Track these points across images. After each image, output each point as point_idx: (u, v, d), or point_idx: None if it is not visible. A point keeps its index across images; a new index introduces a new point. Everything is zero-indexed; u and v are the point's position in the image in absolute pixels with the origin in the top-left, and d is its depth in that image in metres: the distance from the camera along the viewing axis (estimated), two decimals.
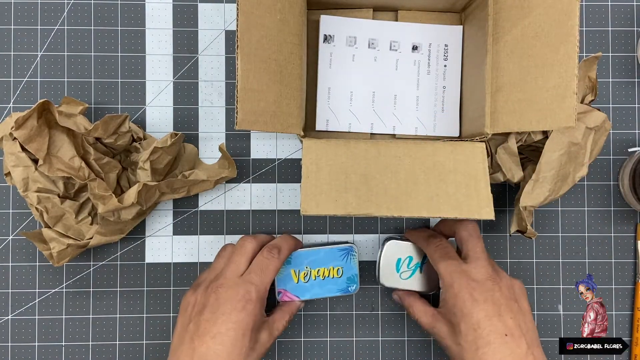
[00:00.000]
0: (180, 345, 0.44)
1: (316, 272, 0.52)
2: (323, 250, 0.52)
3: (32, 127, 0.47)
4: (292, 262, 0.52)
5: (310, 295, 0.52)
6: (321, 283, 0.52)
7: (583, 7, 0.56)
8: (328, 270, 0.52)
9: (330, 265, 0.52)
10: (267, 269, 0.47)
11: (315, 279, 0.52)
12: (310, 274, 0.52)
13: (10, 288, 0.54)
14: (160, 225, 0.55)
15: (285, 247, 0.50)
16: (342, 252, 0.52)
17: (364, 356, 0.55)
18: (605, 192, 0.56)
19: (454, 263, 0.46)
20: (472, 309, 0.43)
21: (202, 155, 0.55)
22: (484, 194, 0.43)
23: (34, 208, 0.49)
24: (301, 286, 0.52)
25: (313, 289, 0.52)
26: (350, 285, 0.53)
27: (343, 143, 0.45)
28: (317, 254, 0.52)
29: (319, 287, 0.52)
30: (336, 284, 0.52)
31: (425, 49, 0.54)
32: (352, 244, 0.53)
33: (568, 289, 0.55)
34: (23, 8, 0.55)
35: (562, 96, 0.41)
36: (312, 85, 0.54)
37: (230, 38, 0.56)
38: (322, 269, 0.52)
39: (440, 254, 0.47)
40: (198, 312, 0.45)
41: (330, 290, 0.52)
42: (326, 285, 0.52)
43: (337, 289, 0.52)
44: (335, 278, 0.52)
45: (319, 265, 0.52)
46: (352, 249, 0.53)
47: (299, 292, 0.52)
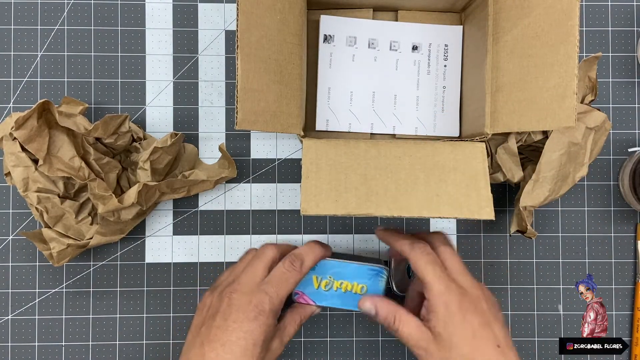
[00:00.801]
0: (191, 349, 0.43)
1: (339, 283, 0.49)
2: (352, 265, 0.49)
3: (32, 127, 0.47)
4: (316, 268, 0.48)
5: (327, 303, 0.49)
6: (342, 295, 0.49)
7: (583, 7, 0.56)
8: (352, 285, 0.49)
9: (355, 281, 0.49)
10: (286, 282, 0.45)
11: (337, 290, 0.49)
12: (332, 284, 0.49)
13: (10, 288, 0.54)
14: (160, 225, 0.55)
15: (309, 258, 0.46)
16: (371, 272, 0.49)
17: (364, 356, 0.55)
18: (605, 192, 0.56)
19: (442, 270, 0.43)
20: (465, 319, 0.41)
21: (202, 155, 0.55)
22: (484, 194, 0.43)
23: (34, 208, 0.49)
24: (320, 293, 0.49)
25: (332, 299, 0.49)
26: None
27: (343, 143, 0.45)
28: (345, 267, 0.49)
29: (339, 298, 0.49)
30: (355, 299, 0.48)
31: (425, 49, 0.54)
32: (383, 267, 0.49)
33: (568, 289, 0.55)
34: (23, 8, 0.55)
35: (562, 96, 0.41)
36: (312, 85, 0.54)
37: (230, 38, 0.56)
38: (346, 283, 0.49)
39: (427, 260, 0.44)
40: (211, 317, 0.44)
41: (348, 303, 0.49)
42: (345, 298, 0.49)
43: (355, 304, 0.48)
44: (357, 294, 0.48)
45: (344, 278, 0.49)
46: (383, 272, 0.49)
47: (316, 298, 0.49)
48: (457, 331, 0.41)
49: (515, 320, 0.55)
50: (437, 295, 0.42)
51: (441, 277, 0.43)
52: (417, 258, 0.44)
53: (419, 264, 0.44)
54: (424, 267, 0.43)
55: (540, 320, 0.55)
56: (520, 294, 0.55)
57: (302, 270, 0.46)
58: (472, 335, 0.41)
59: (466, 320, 0.41)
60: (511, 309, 0.55)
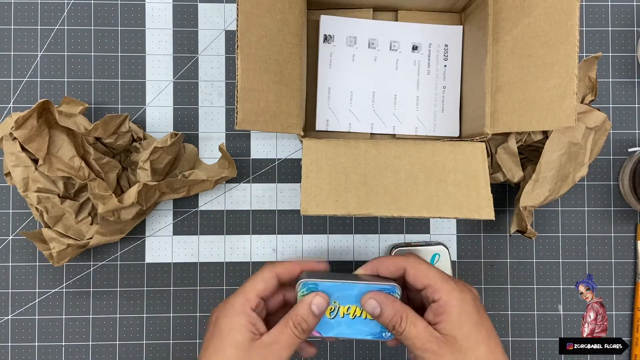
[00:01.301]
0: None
1: (345, 309, 0.43)
2: (358, 286, 0.43)
3: (32, 127, 0.47)
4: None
5: (334, 334, 0.43)
6: (350, 322, 0.43)
7: (583, 7, 0.56)
8: (360, 310, 0.43)
9: None
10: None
11: (344, 317, 0.43)
12: (339, 311, 0.43)
13: (10, 288, 0.54)
14: (160, 225, 0.55)
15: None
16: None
17: (364, 356, 0.55)
18: (605, 192, 0.56)
19: (450, 277, 0.42)
20: (481, 319, 0.40)
21: (202, 155, 0.55)
22: (484, 194, 0.43)
23: (34, 208, 0.49)
24: (325, 322, 0.43)
25: (339, 328, 0.43)
26: (385, 330, 0.43)
27: (343, 143, 0.45)
28: (351, 289, 0.43)
29: (347, 327, 0.43)
30: (367, 326, 0.43)
31: (425, 49, 0.54)
32: (395, 285, 0.43)
33: (568, 289, 0.55)
34: (23, 8, 0.55)
35: (562, 96, 0.41)
36: (312, 85, 0.54)
37: (230, 38, 0.56)
38: (354, 307, 0.43)
39: (427, 265, 0.42)
40: (206, 334, 0.42)
41: (360, 332, 0.43)
42: (355, 326, 0.43)
43: (368, 332, 0.43)
44: (367, 319, 0.43)
45: (350, 302, 0.43)
46: (395, 290, 0.43)
47: (321, 329, 0.43)
48: (473, 333, 0.39)
49: (515, 320, 0.55)
50: (449, 294, 0.40)
51: (446, 279, 0.41)
52: (417, 265, 0.42)
53: (421, 269, 0.42)
54: (427, 271, 0.41)
55: (540, 320, 0.55)
56: (520, 294, 0.55)
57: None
58: (487, 336, 0.39)
59: (482, 321, 0.40)
60: (511, 309, 0.55)
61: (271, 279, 0.43)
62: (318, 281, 0.43)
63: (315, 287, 0.43)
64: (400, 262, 0.43)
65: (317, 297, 0.42)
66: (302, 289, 0.43)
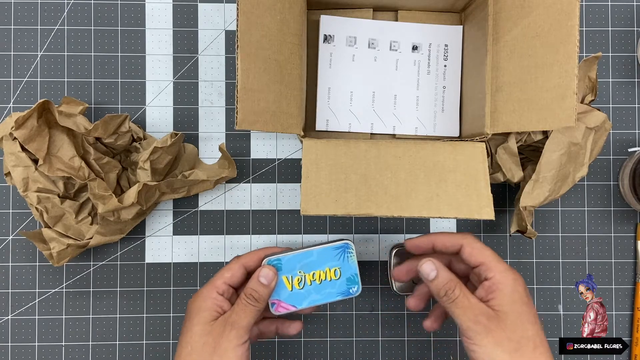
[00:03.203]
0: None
1: (311, 276, 0.46)
2: (316, 250, 0.46)
3: (32, 126, 0.47)
4: (283, 267, 0.46)
5: (308, 303, 0.46)
6: (318, 288, 0.46)
7: (583, 7, 0.56)
8: (324, 273, 0.46)
9: (326, 266, 0.46)
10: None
11: (311, 284, 0.46)
12: (305, 279, 0.46)
13: (10, 288, 0.54)
14: (160, 225, 0.55)
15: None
16: (337, 251, 0.47)
17: (364, 356, 0.55)
18: (605, 192, 0.56)
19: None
20: (530, 301, 0.41)
21: (202, 155, 0.55)
22: (484, 194, 0.43)
23: (34, 208, 0.49)
24: (296, 294, 0.46)
25: (310, 296, 0.46)
26: (351, 286, 0.47)
27: (343, 143, 0.45)
28: (310, 256, 0.46)
29: (317, 293, 0.46)
30: (335, 286, 0.47)
31: (425, 49, 0.54)
32: (347, 241, 0.47)
33: (568, 289, 0.55)
34: (23, 8, 0.55)
35: (562, 96, 0.41)
36: (312, 85, 0.54)
37: (230, 38, 0.56)
38: (318, 272, 0.46)
39: (482, 244, 0.43)
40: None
41: (329, 294, 0.46)
42: (324, 290, 0.46)
43: (337, 292, 0.47)
44: (334, 280, 0.47)
45: (313, 268, 0.46)
46: (348, 246, 0.47)
47: (294, 301, 0.46)
48: (525, 312, 0.40)
49: None
50: (503, 274, 0.41)
51: (500, 260, 0.42)
52: (473, 243, 0.43)
53: (477, 247, 0.43)
54: (482, 250, 0.42)
55: (540, 320, 0.55)
56: None
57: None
58: (535, 319, 0.40)
59: (531, 304, 0.41)
60: None
61: (238, 269, 0.45)
62: (280, 256, 0.46)
63: (279, 261, 0.46)
64: (458, 239, 0.44)
65: (264, 269, 0.45)
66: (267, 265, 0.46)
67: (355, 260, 0.47)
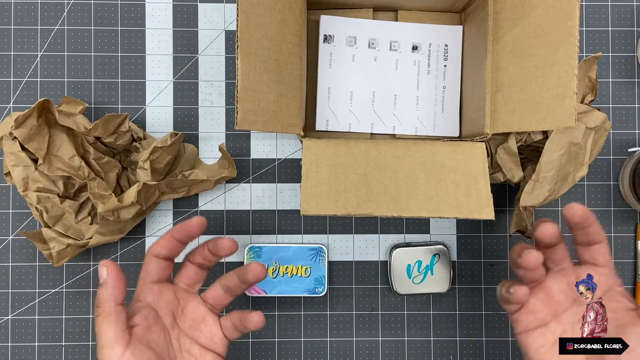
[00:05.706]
0: None
1: (284, 268, 0.53)
2: (293, 248, 0.53)
3: (32, 126, 0.47)
4: (262, 256, 0.53)
5: (277, 292, 0.53)
6: (289, 280, 0.53)
7: (583, 7, 0.56)
8: (297, 269, 0.53)
9: (299, 263, 0.53)
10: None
11: (283, 276, 0.53)
12: (279, 270, 0.53)
13: (10, 288, 0.54)
14: (160, 225, 0.55)
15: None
16: (311, 252, 0.53)
17: (364, 356, 0.55)
18: (605, 192, 0.56)
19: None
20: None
21: (202, 155, 0.55)
22: (484, 194, 0.43)
23: (34, 208, 0.49)
24: (269, 282, 0.53)
25: (280, 286, 0.53)
26: (318, 286, 0.53)
27: (343, 143, 0.45)
28: (287, 251, 0.53)
29: (287, 285, 0.53)
30: (303, 283, 0.53)
31: (425, 49, 0.54)
32: (322, 245, 0.53)
33: None
34: (23, 8, 0.55)
35: (562, 96, 0.41)
36: (312, 85, 0.54)
37: (230, 38, 0.56)
38: (291, 267, 0.53)
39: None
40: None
41: (297, 289, 0.53)
42: (293, 284, 0.53)
43: (304, 288, 0.53)
44: (303, 277, 0.53)
45: (288, 262, 0.53)
46: (322, 250, 0.53)
47: (266, 287, 0.53)
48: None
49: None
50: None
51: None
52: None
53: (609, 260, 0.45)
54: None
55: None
56: None
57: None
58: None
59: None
60: None
61: (155, 264, 0.42)
62: (262, 245, 0.53)
63: (259, 250, 0.53)
64: (603, 236, 0.46)
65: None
66: (250, 252, 0.53)
67: (326, 264, 0.53)
